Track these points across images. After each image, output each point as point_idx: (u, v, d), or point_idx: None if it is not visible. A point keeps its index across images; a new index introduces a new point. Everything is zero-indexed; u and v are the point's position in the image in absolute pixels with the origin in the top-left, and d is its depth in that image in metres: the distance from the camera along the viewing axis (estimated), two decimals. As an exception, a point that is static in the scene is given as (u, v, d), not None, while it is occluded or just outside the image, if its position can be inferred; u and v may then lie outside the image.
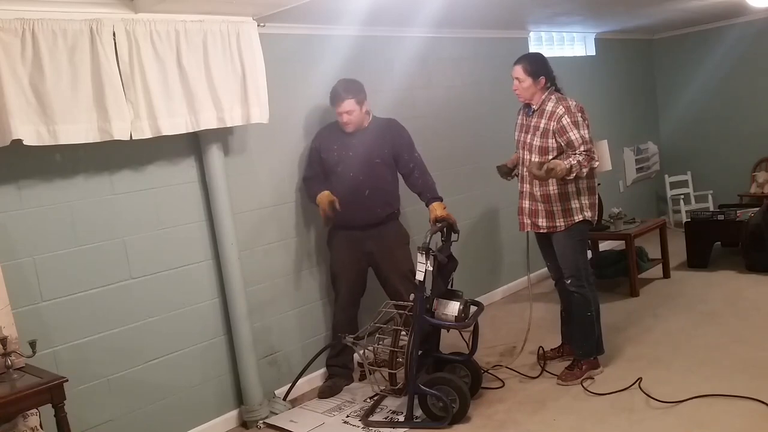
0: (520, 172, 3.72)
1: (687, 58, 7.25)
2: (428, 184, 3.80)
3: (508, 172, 3.87)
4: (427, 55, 4.79)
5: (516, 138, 3.73)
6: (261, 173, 3.76)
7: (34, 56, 2.65)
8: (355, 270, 3.85)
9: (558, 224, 3.57)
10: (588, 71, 6.46)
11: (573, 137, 3.43)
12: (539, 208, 3.60)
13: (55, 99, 2.70)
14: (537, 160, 3.49)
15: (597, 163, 3.50)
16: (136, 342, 3.21)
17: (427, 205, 3.75)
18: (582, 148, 3.42)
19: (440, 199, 3.75)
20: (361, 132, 3.76)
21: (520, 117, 3.74)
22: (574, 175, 3.41)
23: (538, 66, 3.55)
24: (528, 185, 3.64)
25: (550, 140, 3.49)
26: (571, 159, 3.41)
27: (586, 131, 3.47)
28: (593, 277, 3.75)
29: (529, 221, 3.68)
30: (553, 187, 3.53)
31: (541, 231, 3.64)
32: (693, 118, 7.33)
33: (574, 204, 3.54)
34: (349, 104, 3.67)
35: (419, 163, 3.82)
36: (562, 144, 3.46)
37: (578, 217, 3.55)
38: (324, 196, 3.70)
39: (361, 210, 3.74)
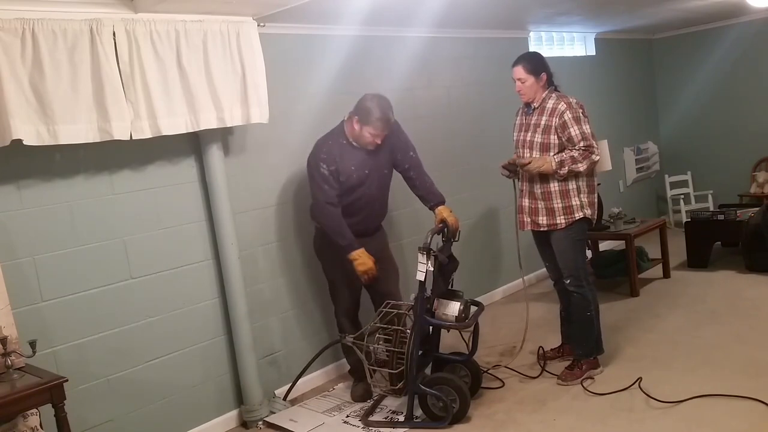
0: (520, 171, 3.70)
1: (687, 58, 7.24)
2: (427, 187, 3.69)
3: (515, 170, 3.70)
4: (427, 55, 4.79)
5: (515, 138, 3.72)
6: (261, 173, 3.76)
7: (34, 56, 2.65)
8: (355, 273, 3.80)
9: (558, 222, 3.56)
10: (588, 71, 6.46)
11: (573, 133, 3.43)
12: (539, 206, 3.60)
13: (55, 99, 2.70)
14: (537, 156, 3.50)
15: (597, 158, 3.47)
16: (136, 342, 3.22)
17: (431, 209, 3.67)
18: (581, 144, 3.43)
19: (444, 202, 3.66)
20: None
21: (518, 117, 3.74)
22: (567, 169, 3.42)
23: (537, 63, 3.55)
24: (528, 183, 3.64)
25: (552, 136, 3.49)
26: (563, 154, 3.43)
27: (587, 127, 3.47)
28: (592, 277, 3.74)
29: (529, 219, 3.68)
30: (553, 184, 3.53)
31: (542, 229, 3.63)
32: (693, 118, 7.33)
33: (575, 201, 3.53)
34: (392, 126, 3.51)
35: (414, 163, 3.68)
36: (563, 140, 3.47)
37: (578, 215, 3.54)
38: (364, 256, 3.45)
39: (372, 220, 3.69)
